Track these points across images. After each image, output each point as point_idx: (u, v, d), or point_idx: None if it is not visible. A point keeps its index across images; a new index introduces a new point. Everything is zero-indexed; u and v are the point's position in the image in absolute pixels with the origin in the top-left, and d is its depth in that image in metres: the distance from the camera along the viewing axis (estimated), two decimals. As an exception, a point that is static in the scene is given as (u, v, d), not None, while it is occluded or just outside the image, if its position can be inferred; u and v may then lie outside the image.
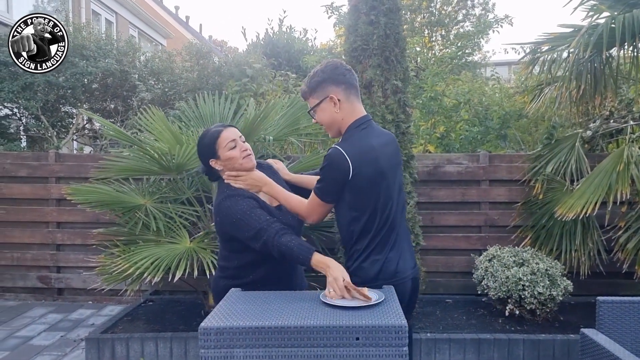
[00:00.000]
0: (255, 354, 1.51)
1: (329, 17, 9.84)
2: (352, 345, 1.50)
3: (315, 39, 25.63)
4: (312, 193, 2.02)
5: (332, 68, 2.04)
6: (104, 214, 4.51)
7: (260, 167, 2.24)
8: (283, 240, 1.91)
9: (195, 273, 3.43)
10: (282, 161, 4.26)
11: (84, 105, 7.07)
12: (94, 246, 4.37)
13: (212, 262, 3.43)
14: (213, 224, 3.82)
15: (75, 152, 8.02)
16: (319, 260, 1.85)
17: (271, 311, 1.63)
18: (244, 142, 2.14)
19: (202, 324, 1.52)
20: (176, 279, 3.34)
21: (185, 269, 3.38)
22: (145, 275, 3.36)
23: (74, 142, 7.99)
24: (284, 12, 18.29)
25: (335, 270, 1.79)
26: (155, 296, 4.78)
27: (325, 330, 1.50)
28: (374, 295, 1.71)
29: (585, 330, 2.41)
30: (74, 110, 7.28)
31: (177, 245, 3.70)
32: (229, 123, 2.24)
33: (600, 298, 2.41)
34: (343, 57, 8.17)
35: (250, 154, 2.12)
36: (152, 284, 3.45)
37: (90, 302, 5.05)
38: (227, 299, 1.80)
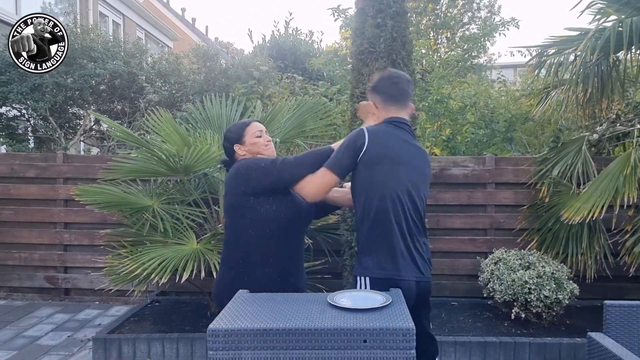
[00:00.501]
0: (263, 355, 1.52)
1: (335, 20, 9.87)
2: (360, 348, 1.51)
3: (321, 41, 25.66)
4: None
5: (379, 78, 2.26)
6: (112, 215, 4.54)
7: None
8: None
9: (202, 274, 3.44)
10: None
11: (92, 107, 7.12)
12: (102, 247, 4.39)
13: (218, 263, 3.44)
14: (220, 225, 3.86)
15: (82, 153, 8.07)
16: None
17: (279, 313, 1.64)
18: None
19: (211, 326, 1.53)
20: (183, 280, 3.35)
21: (192, 270, 3.40)
22: (152, 276, 3.38)
23: (82, 143, 8.04)
24: (290, 14, 18.32)
25: None
26: (161, 297, 4.80)
27: (333, 332, 1.51)
28: (380, 297, 1.71)
29: (593, 334, 2.40)
30: (82, 112, 7.33)
31: (184, 247, 3.71)
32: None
33: (607, 302, 2.41)
34: (349, 59, 8.19)
35: (271, 145, 2.38)
36: (159, 285, 3.47)
37: (97, 303, 5.08)
38: (235, 300, 1.82)
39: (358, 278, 2.07)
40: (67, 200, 5.01)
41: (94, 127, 7.66)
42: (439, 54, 10.83)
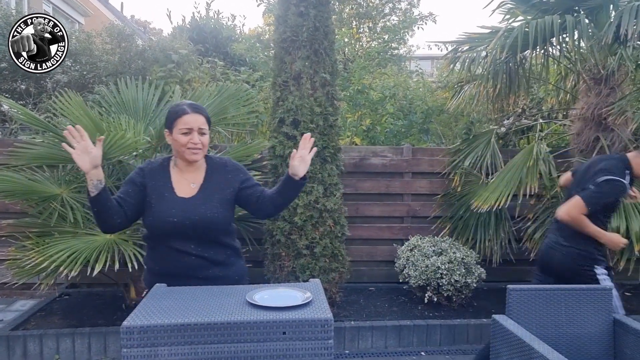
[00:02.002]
0: (180, 351, 1.48)
1: (258, 5, 9.75)
2: (279, 340, 1.52)
3: (243, 25, 25.22)
4: None
5: None
6: (15, 203, 4.22)
7: (212, 162, 2.15)
8: None
9: (117, 266, 3.31)
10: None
11: (-9, 86, 6.55)
12: (4, 238, 4.08)
13: (134, 254, 3.32)
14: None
15: (-20, 135, 7.40)
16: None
17: (196, 307, 1.61)
18: (202, 134, 2.04)
19: (125, 323, 1.47)
20: (95, 272, 3.20)
21: (105, 262, 3.25)
22: (61, 269, 3.20)
23: (-21, 125, 7.38)
24: (212, -5, 17.78)
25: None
26: (71, 289, 4.56)
27: (252, 325, 1.51)
28: (301, 293, 1.72)
29: (496, 316, 2.58)
30: (-21, 91, 6.72)
31: (96, 237, 3.54)
32: (196, 106, 2.07)
33: (510, 286, 2.58)
34: (272, 45, 8.09)
35: (199, 150, 2.04)
36: (69, 277, 3.29)
37: (-1, 297, 4.72)
38: (151, 295, 1.76)
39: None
40: (-38, 188, 4.58)
41: (-7, 107, 7.05)
42: (360, 43, 11.00)
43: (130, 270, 3.40)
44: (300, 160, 2.01)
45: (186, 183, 2.08)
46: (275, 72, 4.03)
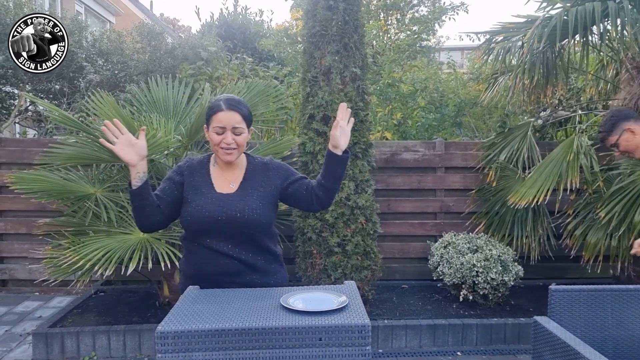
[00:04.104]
0: (214, 357, 1.46)
1: (286, 0, 9.68)
2: (315, 346, 1.47)
3: (271, 20, 25.29)
4: None
5: (617, 110, 2.65)
6: (51, 203, 4.29)
7: (253, 161, 2.06)
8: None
9: (150, 265, 3.33)
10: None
11: (27, 87, 6.69)
12: (40, 237, 4.16)
13: (166, 253, 3.33)
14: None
15: (17, 136, 7.61)
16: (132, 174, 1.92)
17: (231, 311, 1.58)
18: (238, 134, 1.91)
19: (159, 328, 1.45)
20: (129, 271, 3.23)
21: (139, 261, 3.27)
22: (96, 268, 3.23)
23: (16, 125, 7.57)
24: (239, -9, 17.82)
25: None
26: (106, 286, 4.63)
27: (287, 331, 1.47)
28: (336, 296, 1.67)
29: (538, 318, 2.48)
30: (16, 91, 6.88)
31: (129, 236, 3.57)
32: (233, 102, 1.92)
33: (552, 287, 2.47)
34: (299, 39, 8.02)
35: (233, 150, 1.92)
36: (104, 276, 3.33)
37: (37, 294, 4.83)
38: (185, 298, 1.74)
39: None
40: (0, 187, 4.70)
41: (29, 107, 7.22)
42: (389, 35, 10.84)
43: (163, 268, 3.42)
44: (341, 131, 1.97)
45: (225, 182, 1.99)
46: (305, 67, 3.98)
